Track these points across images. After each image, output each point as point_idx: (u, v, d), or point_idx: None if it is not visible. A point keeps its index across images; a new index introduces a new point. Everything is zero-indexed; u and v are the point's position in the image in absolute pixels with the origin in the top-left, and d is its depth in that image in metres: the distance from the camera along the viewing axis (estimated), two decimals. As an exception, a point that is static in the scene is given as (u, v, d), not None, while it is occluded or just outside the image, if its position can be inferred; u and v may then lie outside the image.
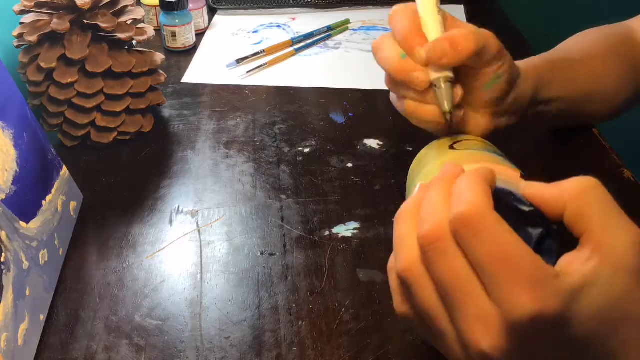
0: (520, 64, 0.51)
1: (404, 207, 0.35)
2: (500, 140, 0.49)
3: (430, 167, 0.44)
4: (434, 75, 0.42)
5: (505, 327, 0.29)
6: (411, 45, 0.43)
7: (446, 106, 0.42)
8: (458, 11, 0.96)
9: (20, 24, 0.62)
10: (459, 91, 0.43)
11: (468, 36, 0.42)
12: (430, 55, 0.41)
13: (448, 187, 0.33)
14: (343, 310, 0.48)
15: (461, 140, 0.45)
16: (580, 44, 0.63)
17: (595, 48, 0.61)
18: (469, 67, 0.44)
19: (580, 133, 0.67)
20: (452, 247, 0.31)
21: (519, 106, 0.50)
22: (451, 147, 0.44)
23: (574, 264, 0.31)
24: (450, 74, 0.42)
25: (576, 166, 0.62)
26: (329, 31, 0.92)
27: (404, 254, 0.33)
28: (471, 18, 0.93)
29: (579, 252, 0.31)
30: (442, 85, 0.42)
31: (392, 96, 0.47)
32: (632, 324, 0.31)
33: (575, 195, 0.33)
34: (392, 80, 0.45)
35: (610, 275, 0.30)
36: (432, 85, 0.42)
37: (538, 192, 0.34)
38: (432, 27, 0.43)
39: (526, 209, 0.34)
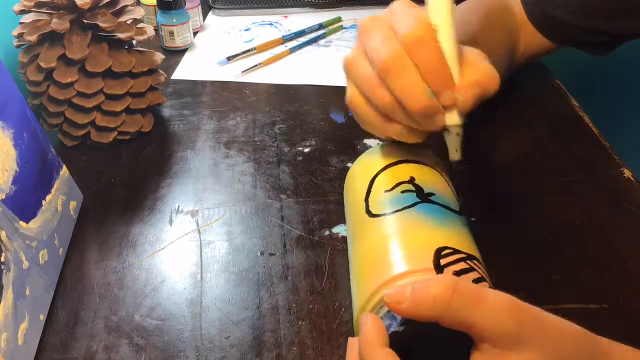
0: None
1: None
2: (501, 140, 0.49)
3: (355, 244, 0.44)
4: (452, 120, 0.41)
5: None
6: (442, 84, 0.40)
7: (457, 155, 0.42)
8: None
9: (20, 23, 0.62)
10: None
11: (493, 78, 0.40)
12: (463, 103, 0.40)
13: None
14: (343, 310, 0.48)
15: (387, 166, 0.46)
16: (468, 17, 0.62)
17: (481, 23, 0.61)
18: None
19: (580, 133, 0.68)
20: None
21: None
22: (373, 215, 0.43)
23: None
24: (463, 120, 0.41)
25: (576, 166, 0.63)
26: (321, 28, 0.93)
27: None
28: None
29: (479, 350, 0.32)
30: (456, 133, 0.41)
31: (359, 104, 0.44)
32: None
33: (439, 307, 0.31)
34: (401, 110, 0.41)
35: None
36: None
37: (404, 312, 0.33)
38: (453, 60, 0.40)
39: (403, 326, 0.35)
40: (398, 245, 0.40)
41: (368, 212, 0.44)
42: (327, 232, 0.55)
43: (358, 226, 0.45)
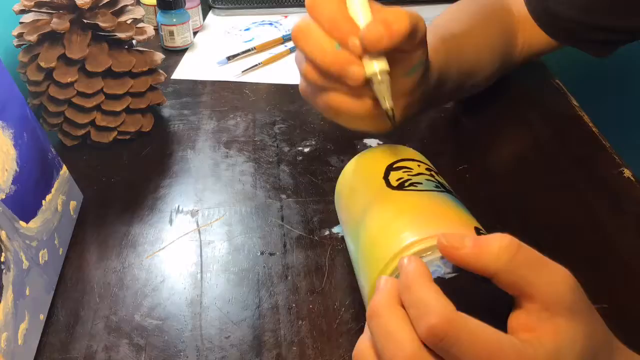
0: None
1: (360, 345, 0.34)
2: (501, 140, 0.49)
3: (373, 216, 0.41)
4: (370, 68, 0.39)
5: None
6: (344, 34, 0.39)
7: (388, 103, 0.39)
8: None
9: (20, 23, 0.62)
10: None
11: (402, 16, 0.38)
12: (367, 41, 0.38)
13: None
14: (343, 309, 0.48)
15: (400, 160, 0.43)
16: (458, 14, 0.62)
17: (474, 19, 0.61)
18: (396, 51, 0.40)
19: (580, 133, 0.68)
20: None
21: (427, 93, 0.48)
22: (397, 187, 0.41)
23: (531, 325, 0.31)
24: (387, 67, 0.39)
25: (576, 166, 0.63)
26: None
27: None
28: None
29: (525, 310, 0.31)
30: (382, 79, 0.39)
31: (306, 88, 0.44)
32: (605, 352, 0.32)
33: (502, 259, 0.31)
34: (322, 73, 0.41)
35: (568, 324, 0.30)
36: (367, 80, 0.39)
37: (461, 258, 0.32)
38: (363, 11, 0.39)
39: (453, 274, 0.34)
40: (435, 213, 0.38)
41: (390, 186, 0.42)
42: (327, 232, 0.55)
43: (376, 199, 0.42)
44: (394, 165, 0.44)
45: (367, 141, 0.67)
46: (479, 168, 0.63)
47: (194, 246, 0.55)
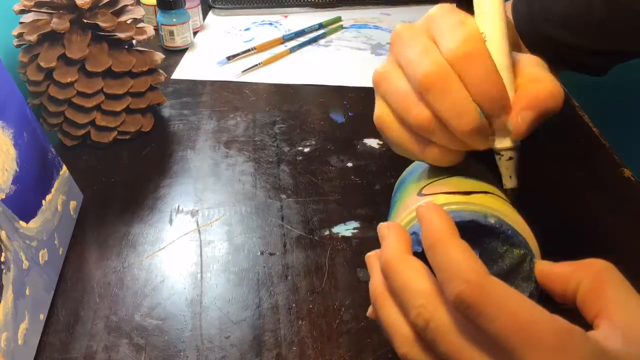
0: None
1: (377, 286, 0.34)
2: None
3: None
4: (502, 143, 0.37)
5: None
6: (498, 108, 0.35)
7: (511, 182, 0.38)
8: None
9: (20, 23, 0.62)
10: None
11: (556, 94, 0.36)
12: (516, 127, 0.35)
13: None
14: (343, 309, 0.48)
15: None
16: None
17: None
18: None
19: (580, 133, 0.68)
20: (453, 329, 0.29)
21: None
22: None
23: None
24: (519, 143, 0.37)
25: (576, 166, 0.63)
26: (321, 28, 0.93)
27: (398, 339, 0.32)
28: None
29: (597, 331, 0.29)
30: (509, 157, 0.37)
31: (390, 123, 0.40)
32: None
33: (592, 274, 0.31)
34: (444, 132, 0.36)
35: (635, 356, 0.28)
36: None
37: (546, 268, 0.33)
38: (506, 75, 0.36)
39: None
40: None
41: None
42: (327, 232, 0.55)
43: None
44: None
45: (367, 141, 0.67)
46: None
47: (194, 246, 0.55)
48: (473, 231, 0.35)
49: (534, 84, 0.36)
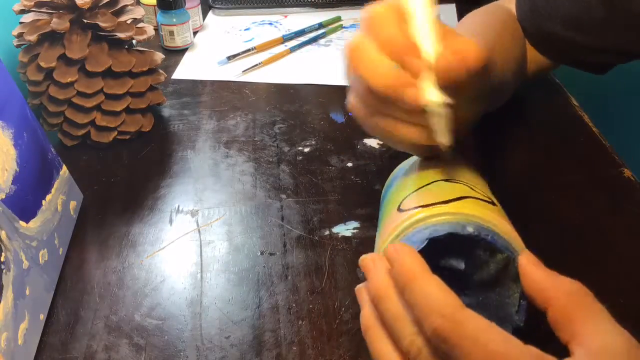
0: None
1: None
2: (500, 140, 0.49)
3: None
4: (433, 98, 0.36)
5: None
6: (405, 55, 0.36)
7: (445, 139, 0.37)
8: (449, 11, 0.95)
9: (20, 23, 0.62)
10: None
11: (475, 49, 0.36)
12: (439, 71, 0.35)
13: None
14: (343, 309, 0.48)
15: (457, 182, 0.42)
16: (484, 28, 0.59)
17: (496, 33, 0.58)
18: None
19: (580, 133, 0.68)
20: None
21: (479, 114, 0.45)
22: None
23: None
24: (449, 99, 0.36)
25: (576, 166, 0.63)
26: (320, 28, 0.93)
27: None
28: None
29: (572, 358, 0.30)
30: (442, 113, 0.36)
31: (357, 108, 0.41)
32: None
33: (563, 295, 0.31)
34: (376, 94, 0.37)
35: None
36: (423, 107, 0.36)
37: (530, 271, 0.32)
38: (429, 34, 0.36)
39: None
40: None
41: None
42: (327, 232, 0.55)
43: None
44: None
45: (367, 141, 0.67)
46: (479, 169, 0.62)
47: (194, 246, 0.55)
48: (455, 242, 0.35)
49: (456, 39, 0.37)
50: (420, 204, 0.38)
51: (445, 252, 0.36)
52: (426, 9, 0.37)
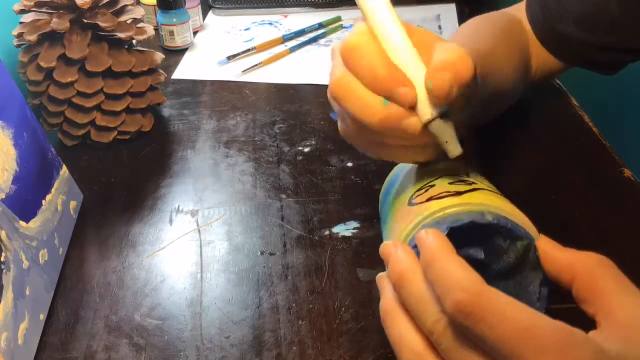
0: None
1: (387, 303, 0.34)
2: (500, 140, 0.49)
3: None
4: (428, 114, 0.36)
5: None
6: (392, 88, 0.36)
7: (457, 149, 0.37)
8: (449, 11, 0.94)
9: (20, 23, 0.62)
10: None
11: (463, 57, 0.35)
12: (437, 93, 0.35)
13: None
14: (343, 309, 0.48)
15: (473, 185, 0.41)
16: (480, 31, 0.59)
17: (494, 37, 0.58)
18: None
19: (580, 133, 0.67)
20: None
21: (474, 118, 0.46)
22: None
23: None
24: (446, 108, 0.36)
25: (576, 166, 0.63)
26: (320, 28, 0.93)
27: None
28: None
29: (598, 331, 0.29)
30: (448, 124, 0.36)
31: (349, 133, 0.41)
32: None
33: (586, 268, 0.31)
34: (372, 131, 0.37)
35: (636, 356, 0.28)
36: (425, 126, 0.36)
37: (547, 253, 0.33)
38: (409, 51, 0.36)
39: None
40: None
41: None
42: (327, 232, 0.55)
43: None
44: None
45: (367, 141, 0.67)
46: (479, 169, 0.62)
47: (194, 246, 0.55)
48: (474, 231, 0.35)
49: (444, 52, 0.36)
50: (434, 196, 0.38)
51: (464, 242, 0.36)
52: (395, 28, 0.37)
